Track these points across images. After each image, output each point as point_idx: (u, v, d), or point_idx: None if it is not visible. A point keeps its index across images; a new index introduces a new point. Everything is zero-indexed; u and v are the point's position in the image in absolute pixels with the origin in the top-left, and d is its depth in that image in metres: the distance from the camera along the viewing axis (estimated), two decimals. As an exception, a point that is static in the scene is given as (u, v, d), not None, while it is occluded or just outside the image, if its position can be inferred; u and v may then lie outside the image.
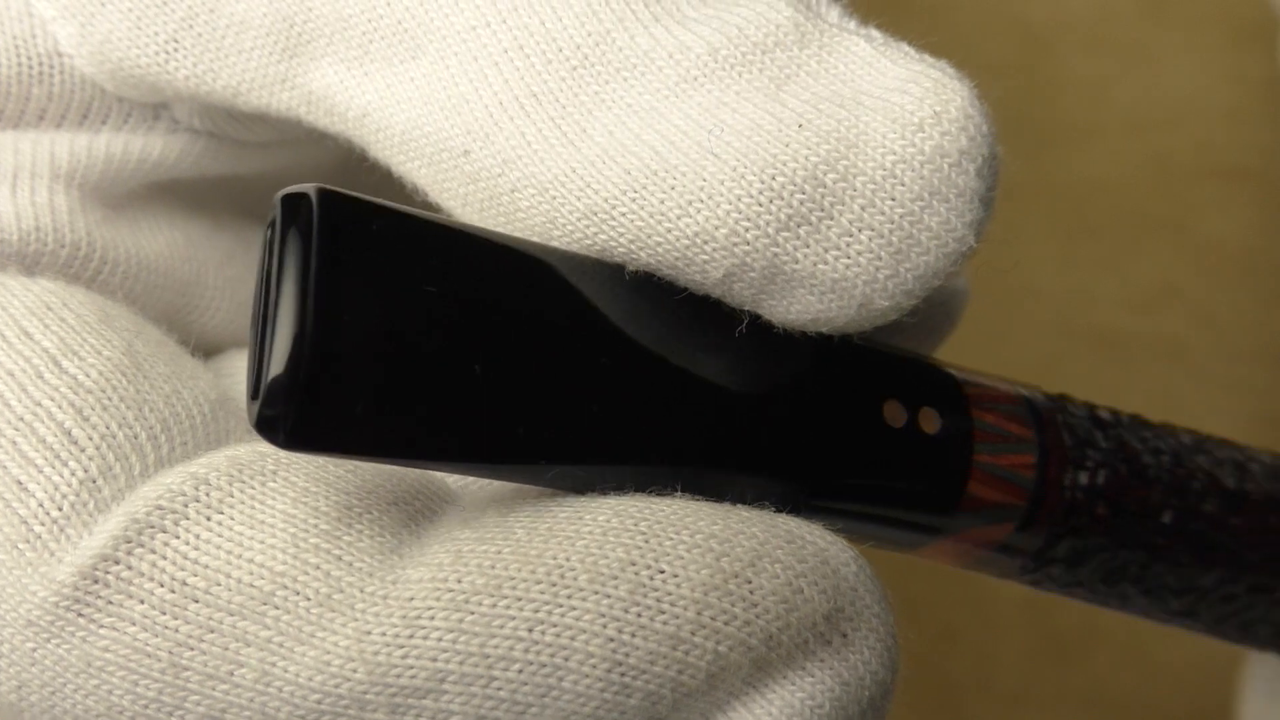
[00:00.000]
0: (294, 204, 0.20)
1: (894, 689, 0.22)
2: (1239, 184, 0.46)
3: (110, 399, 0.22)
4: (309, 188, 0.20)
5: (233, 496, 0.22)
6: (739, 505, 0.22)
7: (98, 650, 0.21)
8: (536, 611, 0.21)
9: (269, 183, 0.28)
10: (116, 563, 0.21)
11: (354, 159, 0.25)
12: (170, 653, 0.21)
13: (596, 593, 0.21)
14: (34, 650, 0.21)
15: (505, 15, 0.22)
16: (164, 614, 0.21)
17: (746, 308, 0.22)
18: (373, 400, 0.20)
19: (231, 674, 0.21)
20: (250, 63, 0.24)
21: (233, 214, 0.28)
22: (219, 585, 0.21)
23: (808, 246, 0.21)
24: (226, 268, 0.27)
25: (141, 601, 0.21)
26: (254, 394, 0.20)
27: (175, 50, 0.25)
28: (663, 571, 0.21)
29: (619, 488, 0.22)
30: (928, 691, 0.47)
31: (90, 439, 0.22)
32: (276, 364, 0.19)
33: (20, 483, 0.22)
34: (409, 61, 0.23)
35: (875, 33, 0.22)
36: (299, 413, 0.20)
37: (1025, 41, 0.47)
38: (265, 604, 0.21)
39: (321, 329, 0.19)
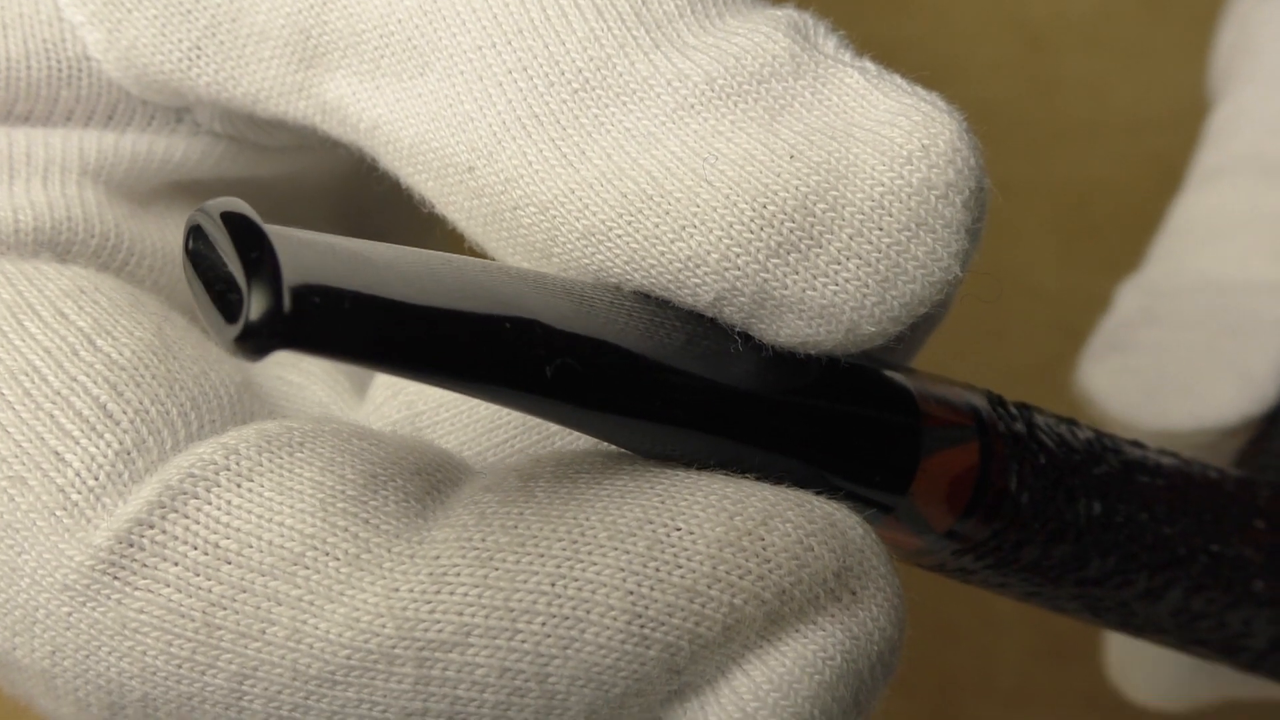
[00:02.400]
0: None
1: (901, 647, 0.23)
2: (1238, 184, 0.46)
3: (143, 376, 0.24)
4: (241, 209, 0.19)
5: (262, 465, 0.23)
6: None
7: (132, 612, 0.22)
8: (558, 567, 0.22)
9: (286, 186, 0.29)
10: (151, 527, 0.22)
11: (364, 166, 0.26)
12: (204, 612, 0.22)
13: (616, 548, 0.22)
14: (69, 614, 0.22)
15: (510, 37, 0.23)
16: (197, 575, 0.22)
17: (738, 329, 0.23)
18: (366, 302, 0.19)
19: (263, 632, 0.22)
20: (269, 71, 0.25)
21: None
22: (250, 547, 0.22)
23: (797, 273, 0.22)
24: None
25: (175, 564, 0.22)
26: (233, 302, 0.19)
27: (198, 57, 0.26)
28: (679, 529, 0.22)
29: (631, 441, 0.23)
30: (928, 690, 0.47)
31: (124, 413, 0.23)
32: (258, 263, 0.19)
33: (58, 454, 0.23)
34: (417, 77, 0.24)
35: (869, 64, 0.23)
36: (296, 299, 0.19)
37: (1025, 41, 0.47)
38: (295, 564, 0.22)
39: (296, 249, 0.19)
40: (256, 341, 0.19)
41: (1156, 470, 0.28)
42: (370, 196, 0.30)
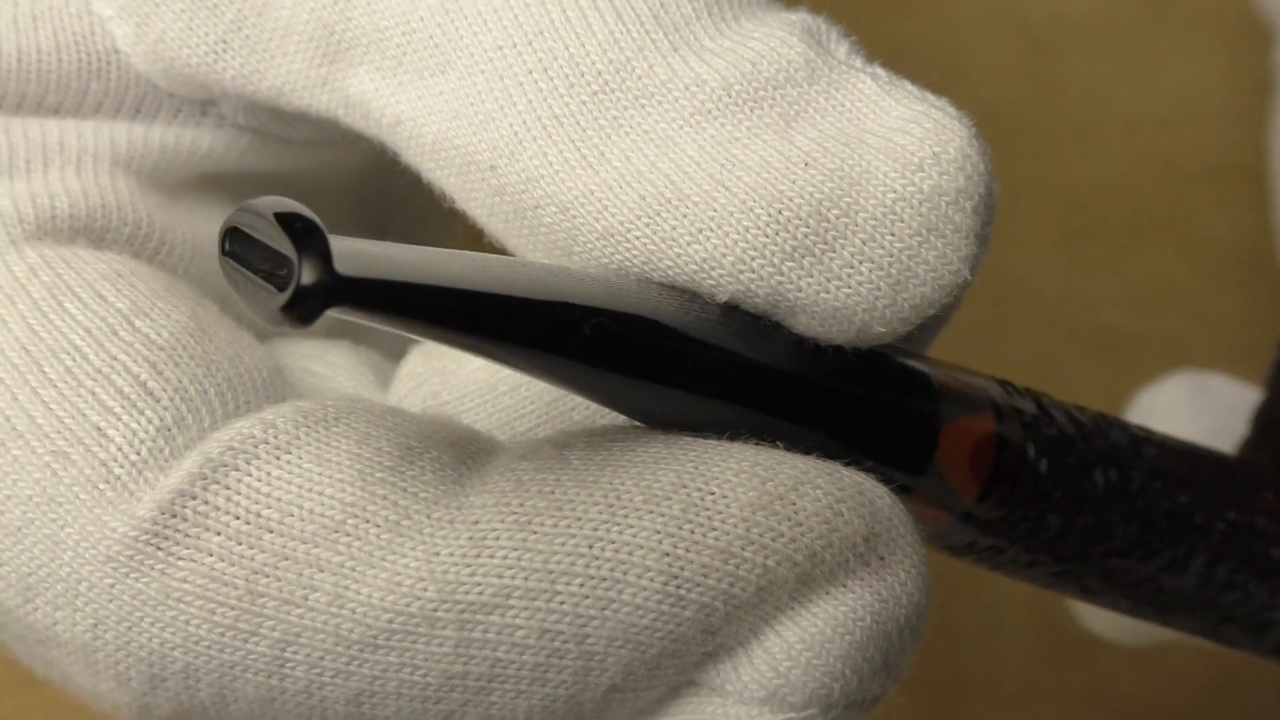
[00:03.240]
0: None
1: (927, 614, 0.24)
2: (1238, 183, 0.46)
3: (180, 356, 0.24)
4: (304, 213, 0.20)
5: (300, 439, 0.23)
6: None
7: (176, 581, 0.23)
8: (595, 530, 0.22)
9: (307, 179, 0.30)
10: (193, 498, 0.23)
11: (386, 160, 0.26)
12: (247, 580, 0.22)
13: (651, 511, 0.23)
14: (112, 586, 0.23)
15: (531, 38, 0.24)
16: (239, 544, 0.23)
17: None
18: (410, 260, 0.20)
19: (306, 598, 0.22)
20: (293, 65, 0.26)
21: None
22: (291, 516, 0.23)
23: (810, 276, 0.23)
24: None
25: (218, 533, 0.23)
26: (280, 276, 0.20)
27: (224, 51, 0.26)
28: (713, 493, 0.23)
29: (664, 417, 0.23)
30: (930, 691, 0.47)
31: (164, 391, 0.24)
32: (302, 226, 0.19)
33: (100, 429, 0.23)
34: (439, 75, 0.24)
35: (880, 70, 0.24)
36: (344, 258, 0.19)
37: (1025, 41, 0.47)
38: (336, 531, 0.22)
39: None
40: (310, 303, 0.19)
41: (1163, 444, 0.28)
42: (390, 191, 0.31)
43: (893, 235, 0.23)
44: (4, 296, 0.24)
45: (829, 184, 0.23)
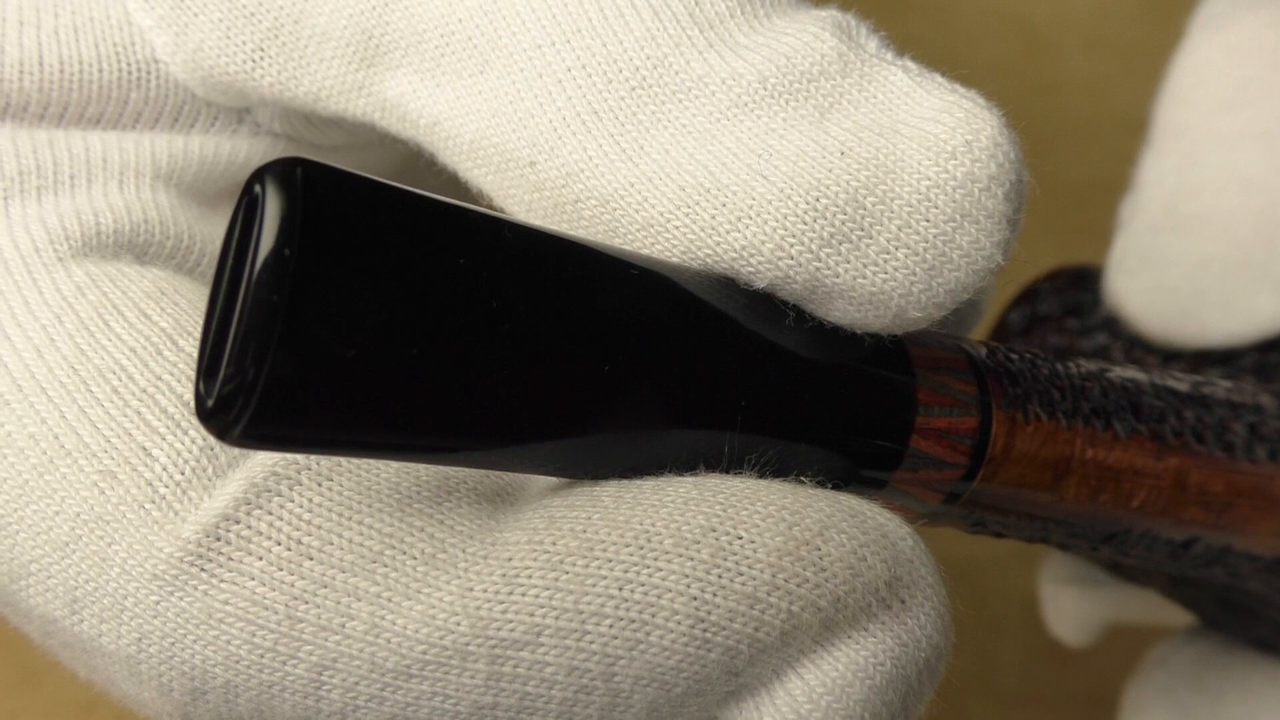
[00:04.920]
0: (281, 174, 0.20)
1: (946, 654, 0.24)
2: (1239, 184, 0.46)
3: None
4: (292, 159, 0.20)
5: (341, 466, 0.24)
6: (803, 481, 0.24)
7: (218, 602, 0.23)
8: (626, 572, 0.23)
9: None
10: (237, 522, 0.23)
11: (421, 162, 0.27)
12: (286, 605, 0.23)
13: (680, 555, 0.23)
14: (158, 603, 0.23)
15: (569, 36, 0.24)
16: (281, 569, 0.23)
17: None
18: (357, 385, 0.20)
19: (343, 625, 0.23)
20: (330, 71, 0.26)
21: None
22: (331, 544, 0.23)
23: (848, 262, 0.23)
24: None
25: (260, 558, 0.23)
26: (208, 369, 0.20)
27: (261, 58, 0.26)
28: (740, 538, 0.23)
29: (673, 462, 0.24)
30: (928, 692, 0.47)
31: None
32: (244, 336, 0.19)
33: (145, 449, 0.24)
34: (478, 75, 0.25)
35: (911, 63, 0.25)
36: (266, 391, 0.19)
37: (1025, 41, 0.47)
38: (375, 562, 0.23)
39: (302, 299, 0.19)
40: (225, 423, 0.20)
41: (1124, 369, 0.29)
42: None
43: (927, 221, 0.23)
44: (52, 315, 0.25)
45: (865, 172, 0.23)
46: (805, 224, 0.23)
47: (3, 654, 0.26)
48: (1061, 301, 0.38)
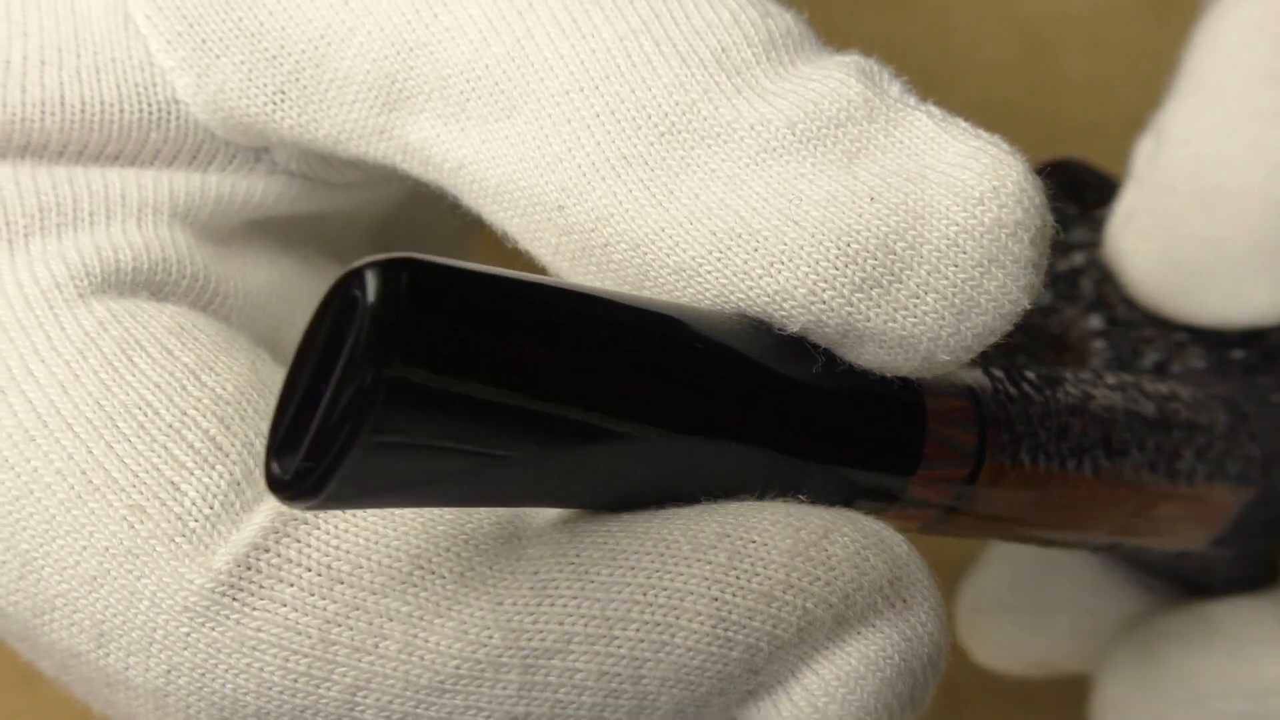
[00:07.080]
0: (384, 275, 0.21)
1: (946, 651, 0.25)
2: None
3: (246, 411, 0.25)
4: (400, 261, 0.21)
5: None
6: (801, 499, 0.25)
7: (251, 630, 0.24)
8: (649, 577, 0.24)
9: (344, 219, 0.31)
10: (267, 551, 0.24)
11: (410, 196, 0.27)
12: (320, 629, 0.24)
13: (699, 559, 0.24)
14: (188, 635, 0.24)
15: (598, 82, 0.25)
16: (313, 595, 0.24)
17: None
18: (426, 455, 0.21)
19: (377, 646, 0.23)
20: (351, 114, 0.27)
21: (317, 251, 0.31)
22: (361, 568, 0.24)
23: (879, 307, 0.24)
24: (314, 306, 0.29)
25: (292, 585, 0.24)
26: (283, 444, 0.21)
27: (282, 101, 0.27)
28: (754, 541, 0.24)
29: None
30: (928, 693, 0.47)
31: (233, 446, 0.25)
32: (328, 431, 0.20)
33: (174, 484, 0.24)
34: (504, 120, 0.25)
35: (934, 108, 0.25)
36: (342, 481, 0.20)
37: (1025, 41, 0.47)
38: (405, 582, 0.24)
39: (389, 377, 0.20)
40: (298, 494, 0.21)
41: (1107, 392, 0.30)
42: (414, 220, 0.32)
43: (956, 266, 0.24)
44: (75, 351, 0.25)
45: (894, 218, 0.24)
46: (837, 269, 0.23)
47: (3, 654, 0.26)
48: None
